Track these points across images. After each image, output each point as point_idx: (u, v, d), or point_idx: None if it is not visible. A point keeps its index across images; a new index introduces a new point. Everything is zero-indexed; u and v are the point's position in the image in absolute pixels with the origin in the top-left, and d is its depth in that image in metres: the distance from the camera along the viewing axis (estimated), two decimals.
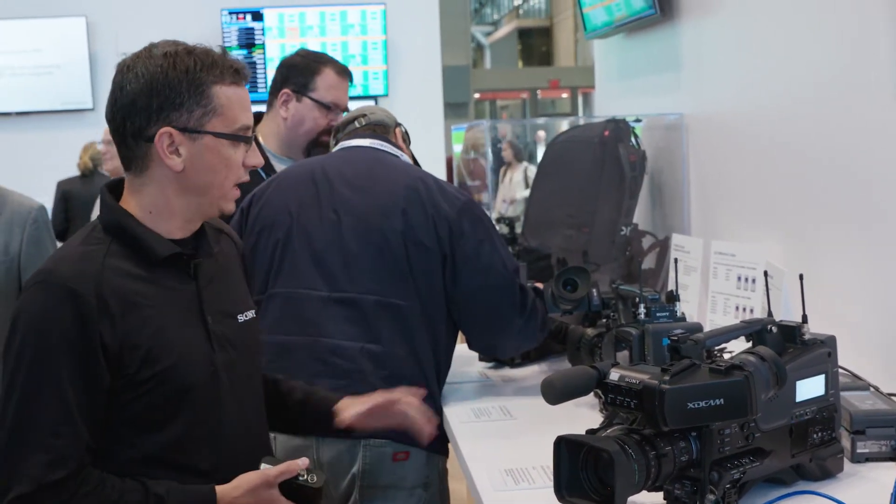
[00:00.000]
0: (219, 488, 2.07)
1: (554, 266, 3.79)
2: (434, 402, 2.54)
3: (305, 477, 2.05)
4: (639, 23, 4.40)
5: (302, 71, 3.69)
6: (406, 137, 3.27)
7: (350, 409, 2.43)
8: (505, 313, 2.93)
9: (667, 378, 1.88)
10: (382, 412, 2.43)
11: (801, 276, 2.24)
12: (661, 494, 2.06)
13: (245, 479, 2.06)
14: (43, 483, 1.97)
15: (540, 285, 3.15)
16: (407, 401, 2.43)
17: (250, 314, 2.30)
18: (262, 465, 2.06)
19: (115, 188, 2.20)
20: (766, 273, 2.40)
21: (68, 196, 8.03)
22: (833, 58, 3.00)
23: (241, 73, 2.15)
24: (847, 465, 2.29)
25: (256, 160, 2.15)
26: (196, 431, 2.13)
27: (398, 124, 3.26)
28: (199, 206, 2.16)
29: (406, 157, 3.19)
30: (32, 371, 2.01)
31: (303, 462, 2.08)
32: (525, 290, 2.97)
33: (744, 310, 3.27)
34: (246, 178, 2.16)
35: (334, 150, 3.17)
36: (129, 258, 2.11)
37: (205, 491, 2.06)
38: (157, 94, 2.08)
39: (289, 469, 2.06)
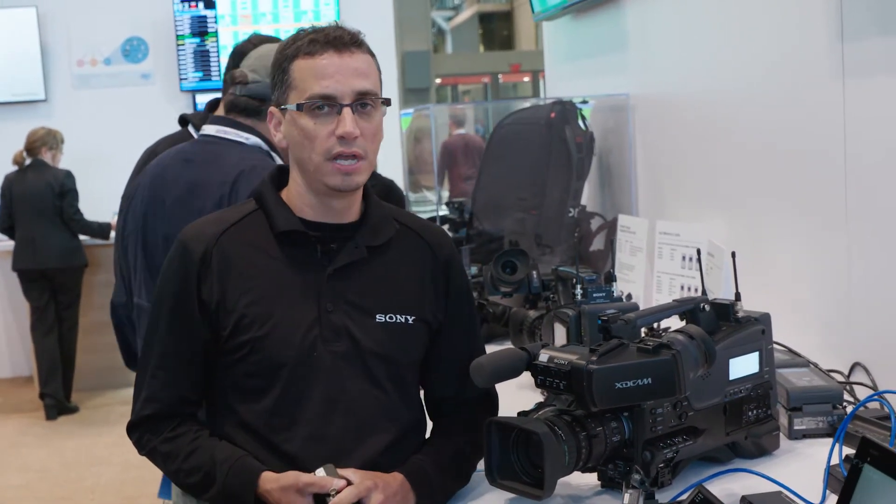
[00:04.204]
0: (265, 474, 2.03)
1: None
2: None
3: (334, 497, 1.96)
4: (585, 4, 4.39)
5: None
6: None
7: None
8: None
9: (594, 358, 1.87)
10: None
11: (733, 254, 2.24)
12: (595, 475, 2.06)
13: (286, 476, 2.00)
14: (139, 416, 2.17)
15: None
16: None
17: (402, 318, 2.16)
18: (317, 471, 1.99)
19: None
20: (698, 251, 2.40)
21: (7, 191, 7.98)
22: (775, 40, 3.00)
23: (321, 42, 2.06)
24: (784, 441, 2.30)
25: (343, 128, 2.04)
26: (281, 410, 2.09)
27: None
28: (309, 183, 2.13)
29: (255, 141, 2.98)
30: (152, 316, 2.21)
31: (338, 483, 1.96)
32: None
33: (689, 289, 3.26)
34: (338, 148, 2.05)
35: (199, 134, 3.02)
36: (259, 229, 2.16)
37: (255, 470, 2.04)
38: (271, 76, 2.17)
39: (322, 484, 1.97)
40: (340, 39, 2.07)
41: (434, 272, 2.23)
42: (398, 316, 2.16)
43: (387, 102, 2.14)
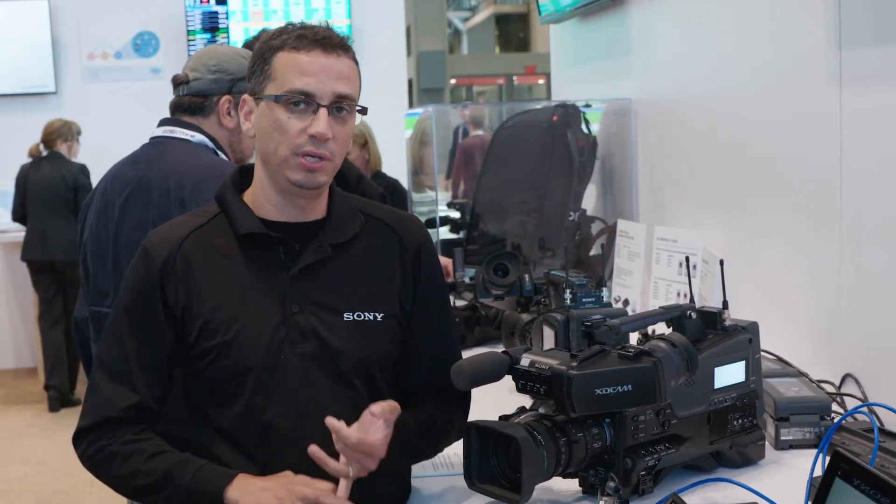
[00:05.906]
0: (243, 474, 1.98)
1: None
2: None
3: None
4: (590, 7, 4.38)
5: None
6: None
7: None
8: None
9: (575, 364, 1.86)
10: None
11: (721, 262, 2.23)
12: (576, 481, 2.05)
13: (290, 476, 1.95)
14: (93, 420, 2.08)
15: None
16: None
17: (370, 315, 2.13)
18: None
19: None
20: (687, 259, 2.39)
21: (21, 181, 8.00)
22: (776, 46, 2.99)
23: (309, 39, 2.05)
24: (771, 452, 2.28)
25: (317, 128, 2.02)
26: (252, 414, 2.07)
27: (233, 86, 2.99)
28: (272, 178, 2.10)
29: (200, 138, 2.97)
30: (113, 320, 2.14)
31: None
32: None
33: (684, 295, 3.25)
34: (308, 147, 2.03)
35: (152, 136, 3.03)
36: (223, 232, 2.14)
37: (228, 473, 1.98)
38: (251, 64, 2.14)
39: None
40: (329, 40, 2.06)
41: (403, 261, 2.20)
42: (367, 314, 2.13)
43: (363, 111, 2.12)
